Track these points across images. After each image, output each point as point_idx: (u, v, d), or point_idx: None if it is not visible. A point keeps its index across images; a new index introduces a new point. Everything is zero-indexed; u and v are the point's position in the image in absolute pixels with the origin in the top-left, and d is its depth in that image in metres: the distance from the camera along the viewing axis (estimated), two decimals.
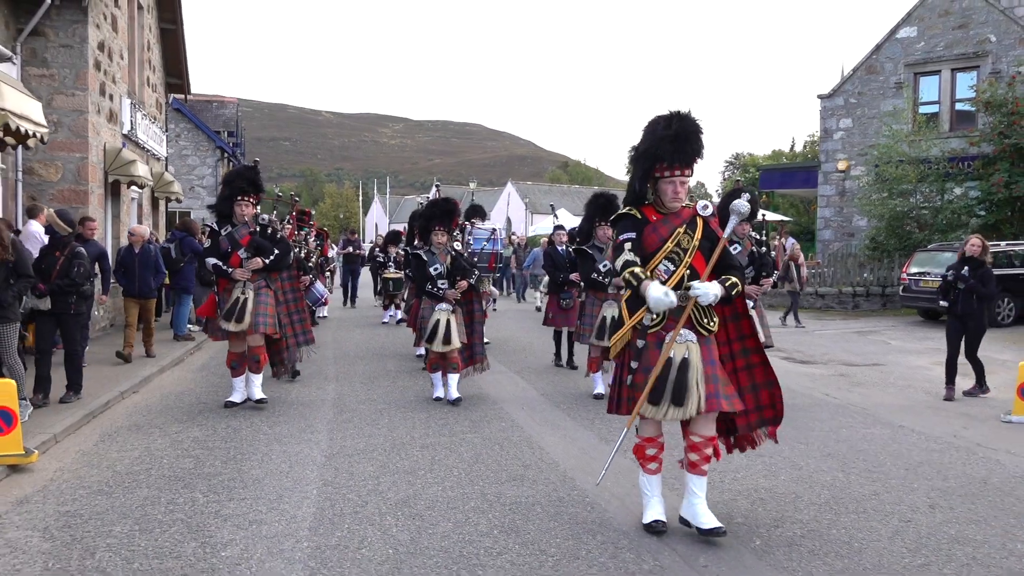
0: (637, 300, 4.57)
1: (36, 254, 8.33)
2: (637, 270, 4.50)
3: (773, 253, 9.74)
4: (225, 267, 7.86)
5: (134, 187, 15.19)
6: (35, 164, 12.09)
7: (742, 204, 4.71)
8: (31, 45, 12.04)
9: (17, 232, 8.70)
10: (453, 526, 4.72)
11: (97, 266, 9.50)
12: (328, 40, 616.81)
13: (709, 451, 4.62)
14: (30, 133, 8.49)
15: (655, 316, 4.53)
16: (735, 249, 8.18)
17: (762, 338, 7.90)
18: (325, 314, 17.06)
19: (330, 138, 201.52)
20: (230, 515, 4.83)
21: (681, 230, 4.59)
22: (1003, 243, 16.86)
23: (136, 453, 6.28)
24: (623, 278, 4.58)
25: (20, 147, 10.49)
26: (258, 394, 8.03)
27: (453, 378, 8.43)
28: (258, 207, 8.19)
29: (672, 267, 4.54)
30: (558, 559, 4.27)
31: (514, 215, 58.44)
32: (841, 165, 23.39)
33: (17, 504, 5.00)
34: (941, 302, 9.54)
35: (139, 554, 4.26)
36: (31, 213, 10.23)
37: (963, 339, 9.08)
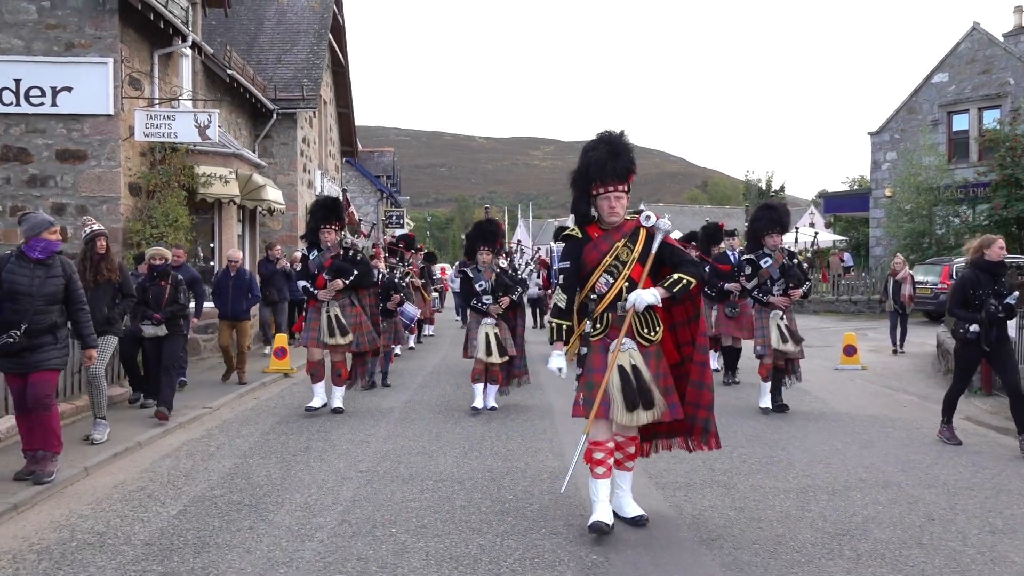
0: (581, 312, 4.87)
1: (264, 274, 14.19)
2: (563, 325, 4.88)
3: (805, 265, 10.07)
4: (312, 288, 8.59)
5: None
6: (267, 220, 18.93)
7: (663, 222, 4.83)
8: (263, 144, 18.97)
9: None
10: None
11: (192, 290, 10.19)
12: (481, 68, 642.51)
13: (632, 449, 4.91)
14: (276, 209, 15.08)
15: (598, 325, 4.74)
16: (765, 262, 8.50)
17: (793, 348, 8.60)
18: (431, 332, 19.06)
19: (483, 163, 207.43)
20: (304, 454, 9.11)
21: (620, 244, 4.72)
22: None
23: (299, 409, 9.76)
24: (549, 324, 4.94)
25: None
26: (336, 403, 8.75)
27: (492, 389, 8.98)
28: (342, 232, 8.78)
29: (612, 279, 4.69)
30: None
31: None
32: (888, 192, 27.38)
33: (251, 407, 10.82)
34: (982, 340, 6.88)
35: (304, 440, 8.63)
36: (268, 248, 16.88)
37: (993, 369, 7.29)
